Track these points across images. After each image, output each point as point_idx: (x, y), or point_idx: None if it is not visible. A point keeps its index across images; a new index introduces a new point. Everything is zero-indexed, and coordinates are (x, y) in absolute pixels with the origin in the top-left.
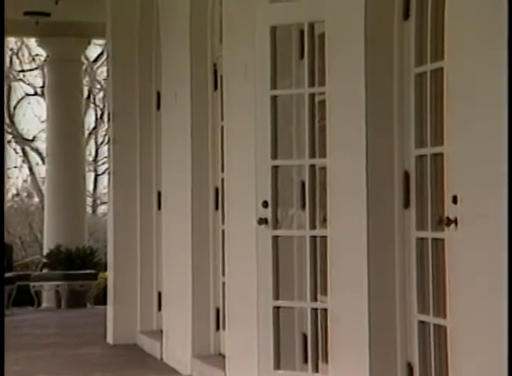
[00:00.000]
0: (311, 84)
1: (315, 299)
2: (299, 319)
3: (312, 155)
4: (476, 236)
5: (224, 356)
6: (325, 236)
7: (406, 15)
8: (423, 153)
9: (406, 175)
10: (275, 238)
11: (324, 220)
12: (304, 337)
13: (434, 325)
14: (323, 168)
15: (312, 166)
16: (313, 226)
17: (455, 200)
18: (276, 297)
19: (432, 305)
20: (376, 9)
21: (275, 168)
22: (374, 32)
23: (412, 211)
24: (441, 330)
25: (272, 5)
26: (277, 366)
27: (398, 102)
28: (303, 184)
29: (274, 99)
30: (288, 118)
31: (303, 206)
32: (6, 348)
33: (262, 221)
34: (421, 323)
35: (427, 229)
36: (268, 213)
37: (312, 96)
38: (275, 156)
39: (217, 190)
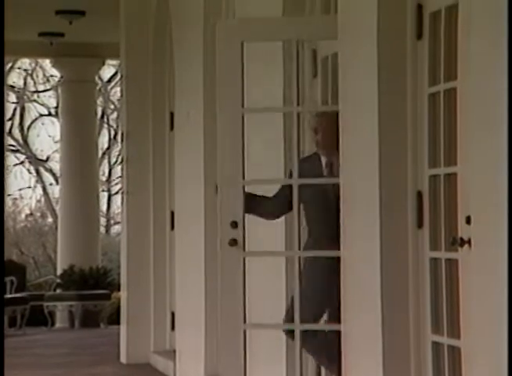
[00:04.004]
0: (325, 103)
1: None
2: None
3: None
4: (489, 258)
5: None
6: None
7: (419, 34)
8: (436, 173)
9: (420, 195)
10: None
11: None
12: None
13: (448, 346)
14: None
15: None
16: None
17: (468, 220)
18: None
19: (446, 325)
20: (389, 29)
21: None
22: (387, 52)
23: (425, 231)
24: (455, 352)
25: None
26: None
27: (411, 121)
28: None
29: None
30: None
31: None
32: (20, 368)
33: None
34: (435, 343)
35: (441, 249)
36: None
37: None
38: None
39: None
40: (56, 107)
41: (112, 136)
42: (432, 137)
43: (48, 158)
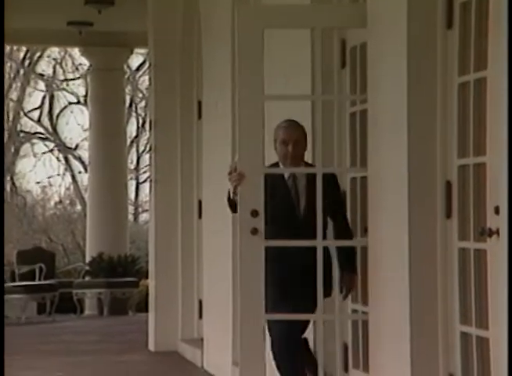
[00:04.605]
0: (353, 92)
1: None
2: (339, 329)
3: (353, 164)
4: None
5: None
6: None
7: (450, 24)
8: (465, 163)
9: (448, 185)
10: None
11: (365, 230)
12: (345, 346)
13: (477, 336)
14: (364, 178)
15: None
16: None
17: (497, 210)
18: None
19: (475, 316)
20: (420, 18)
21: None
22: (417, 41)
23: (454, 221)
24: (483, 342)
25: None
26: None
27: (440, 111)
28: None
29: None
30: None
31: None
32: (49, 354)
33: None
34: (463, 334)
35: (469, 239)
36: None
37: (354, 104)
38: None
39: None
40: (85, 96)
41: (140, 125)
42: (461, 127)
43: (77, 146)
